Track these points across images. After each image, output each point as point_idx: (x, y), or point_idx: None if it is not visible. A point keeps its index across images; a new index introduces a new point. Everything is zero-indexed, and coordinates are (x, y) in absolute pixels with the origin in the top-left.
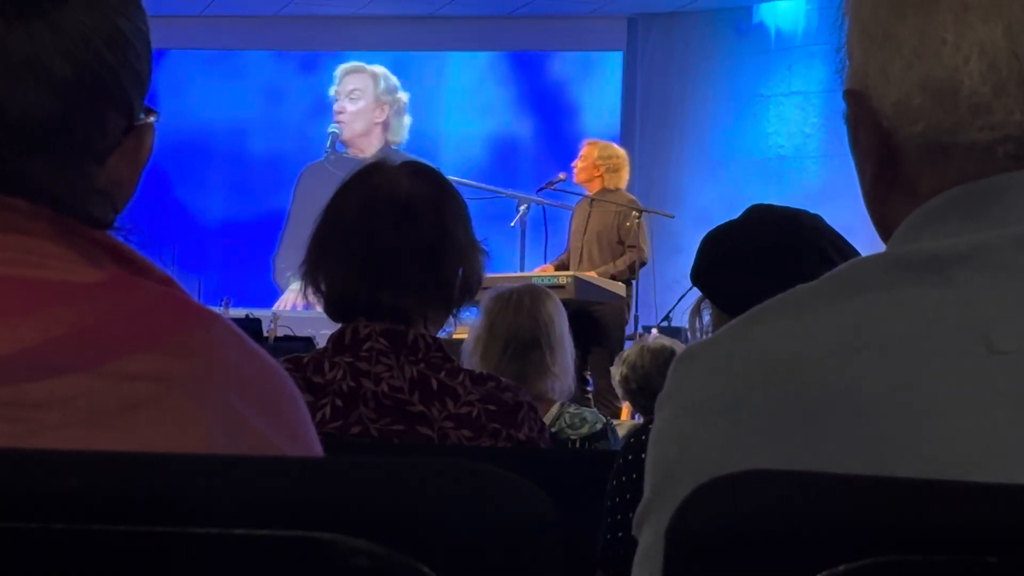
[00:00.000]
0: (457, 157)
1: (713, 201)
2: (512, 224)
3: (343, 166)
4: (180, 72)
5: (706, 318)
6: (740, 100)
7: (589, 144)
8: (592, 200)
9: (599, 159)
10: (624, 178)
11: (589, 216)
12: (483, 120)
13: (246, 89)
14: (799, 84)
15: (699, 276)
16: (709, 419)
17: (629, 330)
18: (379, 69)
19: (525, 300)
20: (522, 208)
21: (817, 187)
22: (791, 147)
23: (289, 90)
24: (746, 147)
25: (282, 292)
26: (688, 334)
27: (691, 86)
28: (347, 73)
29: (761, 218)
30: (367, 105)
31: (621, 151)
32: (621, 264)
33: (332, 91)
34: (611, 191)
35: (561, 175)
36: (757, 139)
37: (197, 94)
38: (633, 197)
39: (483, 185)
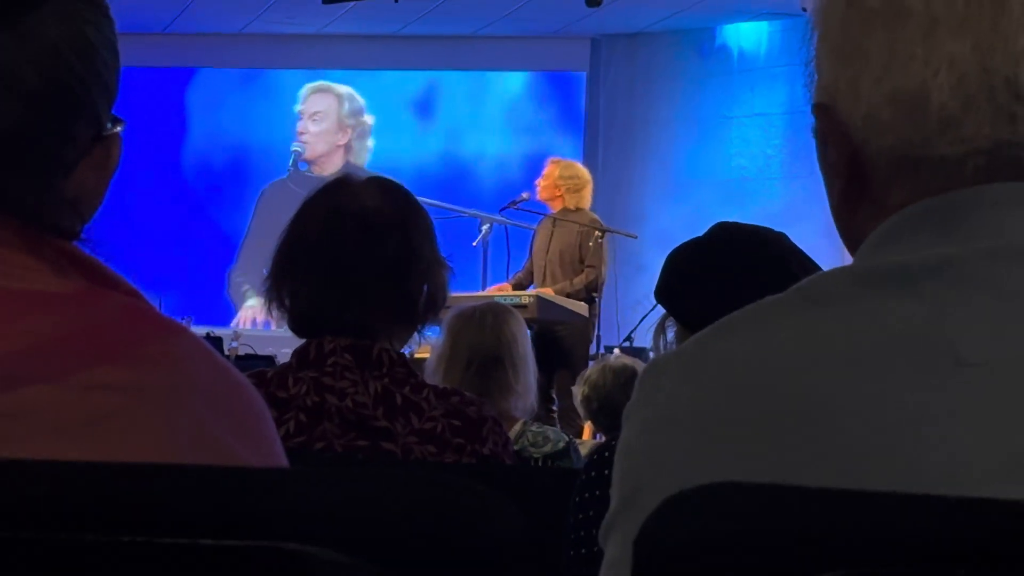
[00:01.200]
0: (419, 176)
1: (676, 222)
2: (475, 243)
3: (305, 184)
4: (143, 86)
5: (670, 335)
6: (703, 121)
7: (552, 163)
8: (555, 219)
9: (560, 178)
10: (587, 198)
11: (552, 235)
12: (446, 139)
13: (206, 104)
14: (762, 105)
15: (663, 293)
16: (676, 430)
17: (592, 350)
18: (344, 90)
19: (488, 318)
20: (485, 227)
21: (780, 208)
22: (754, 168)
23: (249, 107)
24: (709, 168)
25: (237, 308)
26: (652, 353)
27: (654, 107)
28: (312, 93)
29: (726, 235)
30: (330, 127)
31: (583, 171)
32: (578, 283)
33: (296, 109)
34: (573, 211)
35: (524, 195)
36: (720, 160)
37: (154, 108)
38: (596, 216)
39: (446, 204)
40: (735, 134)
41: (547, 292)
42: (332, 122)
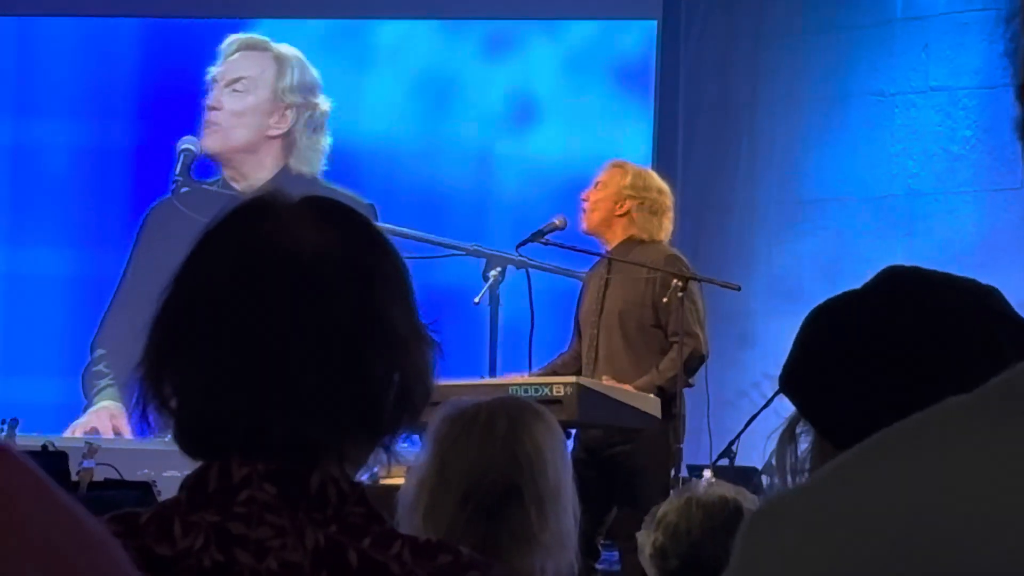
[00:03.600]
0: (386, 193)
1: (804, 263)
2: (477, 300)
3: (205, 203)
4: None
5: (802, 448)
6: (846, 102)
7: (614, 165)
8: (611, 259)
9: (630, 189)
10: (667, 229)
11: (606, 285)
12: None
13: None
14: (942, 76)
15: (794, 381)
16: None
17: (672, 473)
18: (290, 52)
19: (499, 423)
20: (493, 274)
21: (973, 240)
22: (929, 176)
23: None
24: (857, 176)
25: (91, 404)
26: (770, 478)
27: (765, 80)
28: (238, 50)
29: (897, 289)
30: (259, 104)
31: (665, 186)
32: (668, 367)
33: (210, 74)
34: (641, 243)
35: (557, 220)
36: (875, 164)
37: None
38: (677, 252)
39: (431, 237)
40: (899, 122)
41: (607, 382)
42: (264, 96)
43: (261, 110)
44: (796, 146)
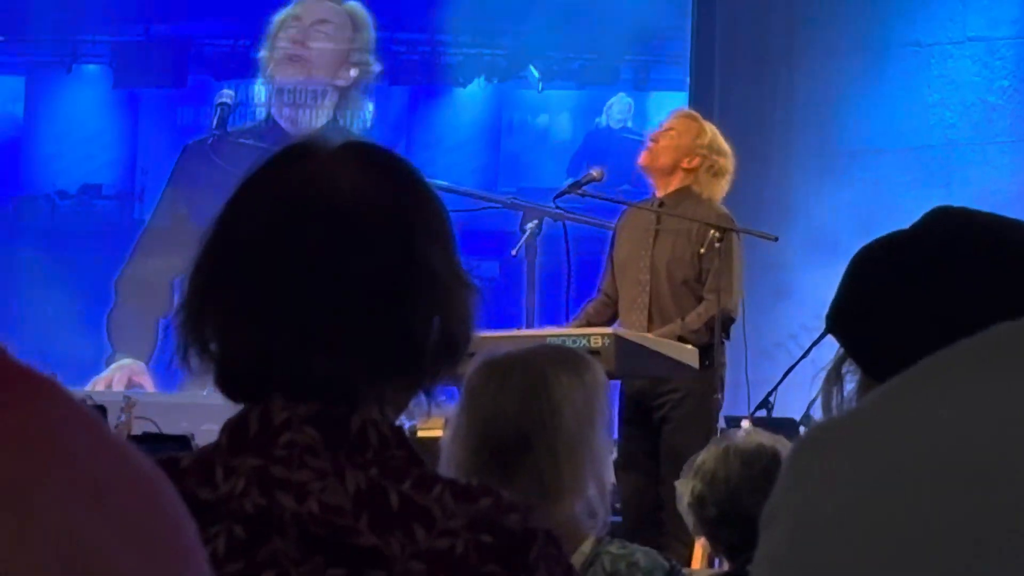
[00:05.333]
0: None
1: (841, 215)
2: (514, 252)
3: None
4: None
5: (849, 388)
6: (883, 53)
7: (689, 116)
8: (661, 203)
9: (704, 149)
10: (723, 190)
11: (656, 236)
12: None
13: None
14: (979, 26)
15: (842, 319)
16: (850, 545)
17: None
18: (361, 10)
19: (520, 372)
20: (530, 226)
21: (1010, 190)
22: (966, 126)
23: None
24: (894, 128)
25: (114, 351)
26: (810, 418)
27: (803, 31)
28: None
29: (946, 228)
30: (335, 51)
31: (729, 149)
32: (694, 321)
33: (287, 13)
34: (697, 197)
35: (595, 172)
36: (912, 115)
37: None
38: (727, 212)
39: (467, 190)
40: (936, 72)
41: (645, 335)
42: (340, 49)
43: (335, 60)
44: (833, 97)
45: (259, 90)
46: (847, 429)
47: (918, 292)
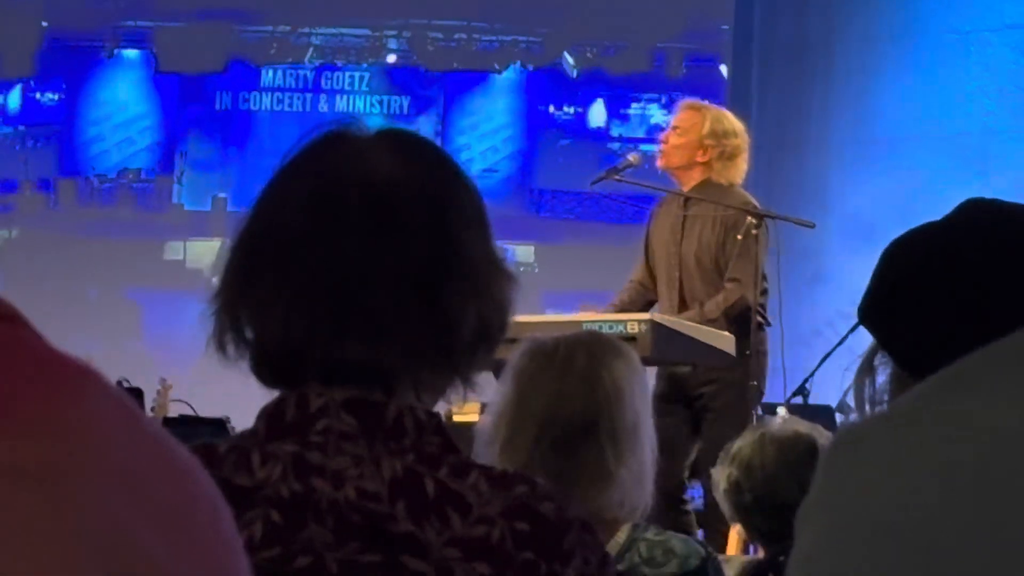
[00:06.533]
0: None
1: (878, 202)
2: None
3: None
4: None
5: (880, 381)
6: (921, 40)
7: (691, 108)
8: (687, 200)
9: (711, 135)
10: (742, 171)
11: (683, 225)
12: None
13: None
14: (1017, 13)
15: (874, 312)
16: (886, 544)
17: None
18: None
19: (578, 359)
20: None
21: None
22: (1005, 114)
23: None
24: (931, 116)
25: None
26: (844, 415)
27: (840, 18)
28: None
29: (980, 220)
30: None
31: (741, 127)
32: (713, 309)
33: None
34: (720, 187)
35: (632, 157)
36: (950, 103)
37: None
38: (751, 198)
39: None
40: (973, 59)
41: (678, 320)
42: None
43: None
44: (871, 84)
45: (297, 75)
46: (883, 430)
47: (948, 285)
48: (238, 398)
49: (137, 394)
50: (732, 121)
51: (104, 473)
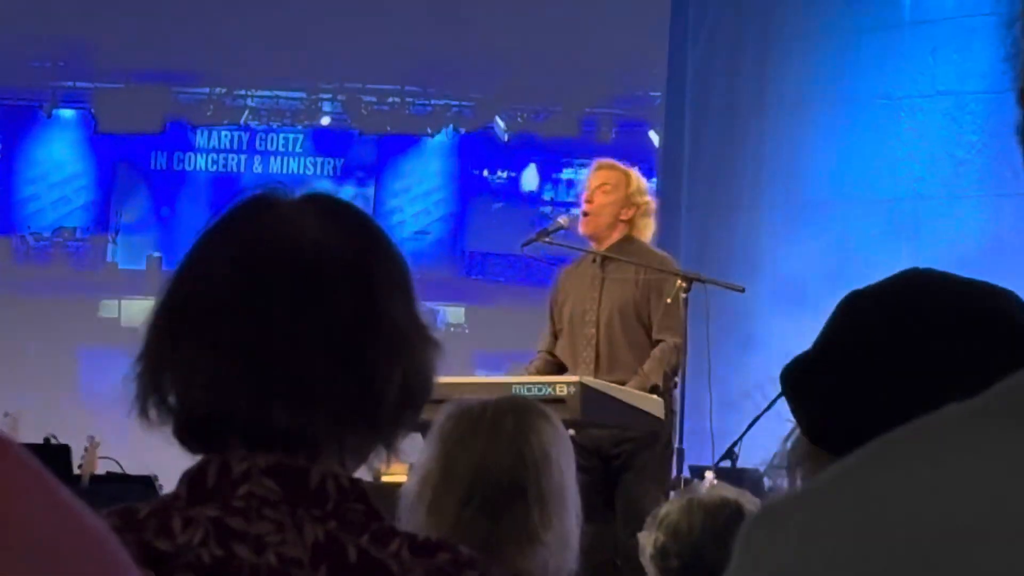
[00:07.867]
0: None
1: (809, 267)
2: None
3: None
4: None
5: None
6: (853, 105)
7: (610, 167)
8: (604, 260)
9: (637, 195)
10: (652, 228)
11: (602, 285)
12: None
13: None
14: (949, 80)
15: (795, 380)
16: None
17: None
18: None
19: (506, 422)
20: None
21: (978, 244)
22: (935, 180)
23: None
24: (862, 180)
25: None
26: (771, 480)
27: (773, 82)
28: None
29: (917, 290)
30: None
31: (646, 184)
32: (654, 368)
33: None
34: (640, 244)
35: (562, 219)
36: (881, 167)
37: None
38: (667, 255)
39: None
40: (905, 126)
41: (609, 385)
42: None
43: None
44: (803, 148)
45: (232, 136)
46: (799, 510)
47: (881, 358)
48: (167, 455)
49: (64, 451)
50: (643, 180)
51: (13, 549)
